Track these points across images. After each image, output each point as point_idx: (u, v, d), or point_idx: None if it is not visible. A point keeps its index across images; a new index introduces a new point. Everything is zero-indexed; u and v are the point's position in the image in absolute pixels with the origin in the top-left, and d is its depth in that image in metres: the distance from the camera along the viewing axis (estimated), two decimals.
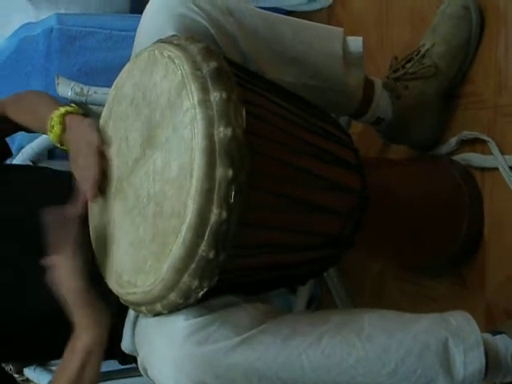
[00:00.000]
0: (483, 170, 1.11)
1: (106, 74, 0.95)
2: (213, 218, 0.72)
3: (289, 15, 1.39)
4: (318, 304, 1.52)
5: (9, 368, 1.17)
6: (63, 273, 0.82)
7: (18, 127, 1.05)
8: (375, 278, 1.38)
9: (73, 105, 0.96)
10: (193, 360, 0.75)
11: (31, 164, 1.35)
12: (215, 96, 0.73)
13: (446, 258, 1.14)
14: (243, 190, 0.72)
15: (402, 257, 1.17)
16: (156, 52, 0.81)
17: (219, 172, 0.71)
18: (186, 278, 0.74)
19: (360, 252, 1.13)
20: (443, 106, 1.16)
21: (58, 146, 0.94)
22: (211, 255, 0.72)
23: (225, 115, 0.73)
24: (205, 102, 0.73)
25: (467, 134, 1.12)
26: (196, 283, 0.74)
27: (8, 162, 1.17)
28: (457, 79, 1.15)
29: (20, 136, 1.44)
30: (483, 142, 1.10)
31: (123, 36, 1.53)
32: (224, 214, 0.71)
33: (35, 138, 1.36)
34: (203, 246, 0.72)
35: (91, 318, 0.82)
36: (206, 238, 0.72)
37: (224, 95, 0.73)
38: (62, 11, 1.79)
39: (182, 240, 0.72)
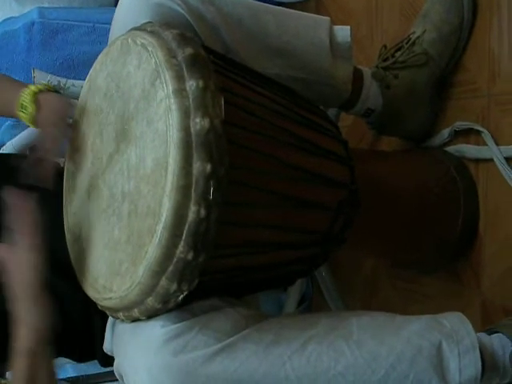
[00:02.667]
0: (477, 161, 1.09)
1: (89, 68, 0.92)
2: (191, 216, 0.68)
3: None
4: (310, 302, 1.50)
5: None
6: (17, 263, 0.78)
7: None
8: (367, 275, 1.35)
9: (43, 82, 0.92)
10: (169, 370, 0.71)
11: None
12: (191, 85, 0.69)
13: (441, 254, 1.11)
14: (223, 185, 0.69)
15: (395, 253, 1.14)
16: (129, 40, 0.78)
17: (196, 166, 0.67)
18: (163, 282, 0.70)
19: (352, 248, 1.10)
20: (435, 95, 1.13)
21: (31, 125, 0.89)
22: (190, 256, 0.69)
23: (201, 105, 0.69)
24: (180, 92, 0.69)
25: (460, 124, 1.10)
26: (175, 286, 0.70)
27: None
28: (449, 67, 1.12)
29: (1, 133, 1.42)
30: (477, 132, 1.07)
31: (107, 29, 1.50)
32: (203, 212, 0.68)
33: (16, 135, 1.32)
34: (181, 247, 0.68)
35: (34, 315, 0.77)
36: (183, 237, 0.68)
37: (200, 83, 0.69)
38: (46, 5, 1.77)
39: (157, 241, 0.68)
